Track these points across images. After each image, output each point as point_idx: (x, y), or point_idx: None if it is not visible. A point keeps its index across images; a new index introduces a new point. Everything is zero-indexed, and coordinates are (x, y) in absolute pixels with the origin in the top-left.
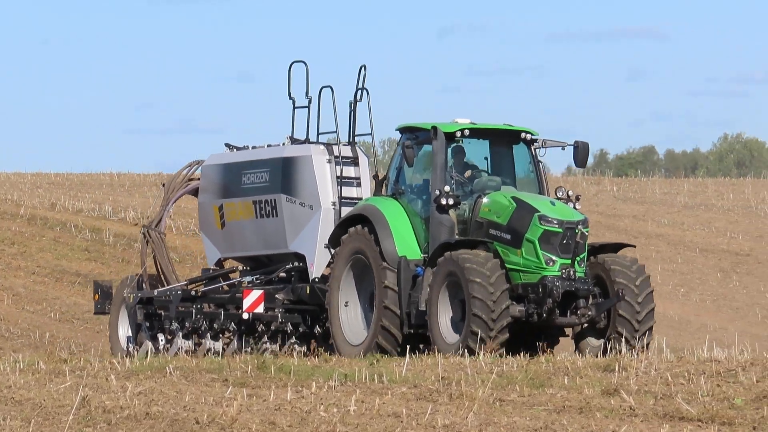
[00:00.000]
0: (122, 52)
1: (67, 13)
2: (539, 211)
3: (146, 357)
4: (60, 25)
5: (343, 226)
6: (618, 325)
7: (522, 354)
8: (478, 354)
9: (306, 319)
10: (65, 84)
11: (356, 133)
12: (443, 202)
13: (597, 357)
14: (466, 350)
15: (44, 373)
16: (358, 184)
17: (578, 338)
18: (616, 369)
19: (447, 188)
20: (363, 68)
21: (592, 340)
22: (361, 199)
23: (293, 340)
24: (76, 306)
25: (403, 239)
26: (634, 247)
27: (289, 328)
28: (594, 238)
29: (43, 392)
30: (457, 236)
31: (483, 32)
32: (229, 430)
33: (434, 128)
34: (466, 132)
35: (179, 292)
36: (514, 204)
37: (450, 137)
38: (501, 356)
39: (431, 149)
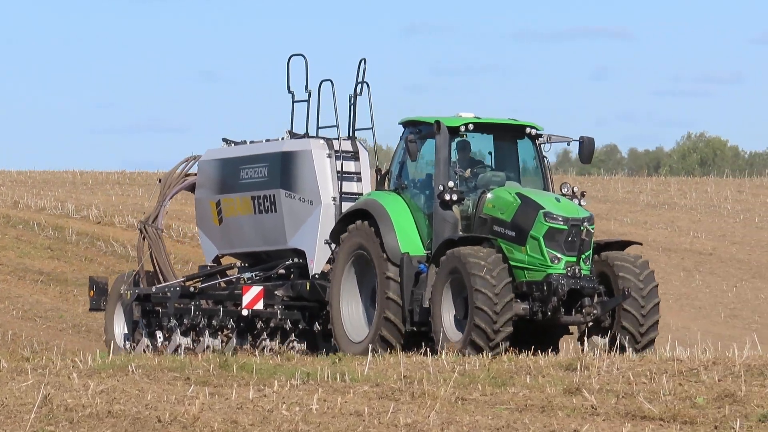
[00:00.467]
0: (86, 50)
1: (29, 12)
2: (544, 208)
3: (143, 354)
4: (23, 23)
5: (344, 221)
6: (623, 321)
7: (523, 351)
8: (483, 350)
9: (306, 316)
10: (28, 82)
11: (356, 128)
12: (447, 197)
13: (603, 354)
14: (470, 346)
15: (6, 371)
16: (359, 179)
17: (583, 337)
18: (578, 368)
19: (450, 184)
20: (363, 62)
21: (597, 339)
22: (361, 194)
23: (293, 337)
24: (38, 304)
25: (406, 235)
26: (641, 244)
27: (289, 325)
28: None
29: (5, 390)
30: (460, 233)
31: (448, 31)
32: (191, 429)
33: (437, 122)
34: (470, 126)
35: (178, 289)
36: (519, 200)
37: (454, 132)
38: (500, 354)
39: (435, 144)
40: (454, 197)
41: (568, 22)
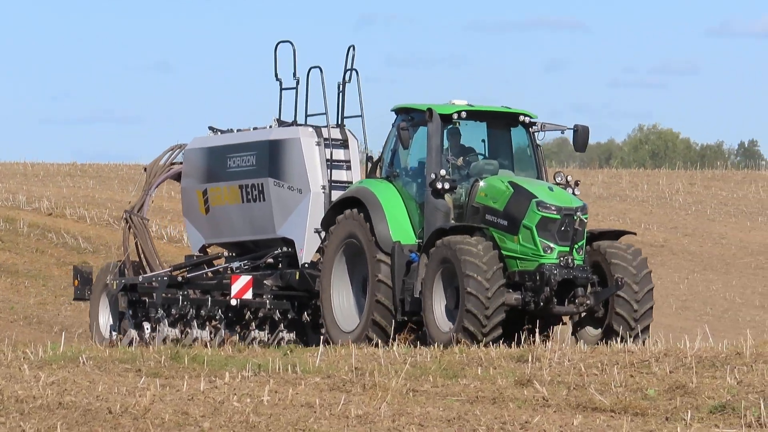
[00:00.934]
0: (38, 40)
1: None
2: (537, 197)
3: (130, 346)
4: None
5: (335, 209)
6: (617, 307)
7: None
8: (475, 339)
9: (295, 306)
10: None
11: (345, 115)
12: (438, 186)
13: (597, 345)
14: (462, 333)
15: None
16: (348, 167)
17: (576, 327)
18: (530, 359)
19: (442, 172)
20: (352, 48)
21: (590, 330)
22: (351, 182)
23: (281, 327)
24: None
25: (398, 223)
26: (635, 234)
27: (278, 315)
28: None
29: None
30: (452, 221)
31: (402, 22)
32: (141, 420)
33: (429, 110)
34: (463, 114)
35: (165, 279)
36: (511, 189)
37: (446, 119)
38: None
39: (427, 131)
40: (446, 186)
41: (522, 14)
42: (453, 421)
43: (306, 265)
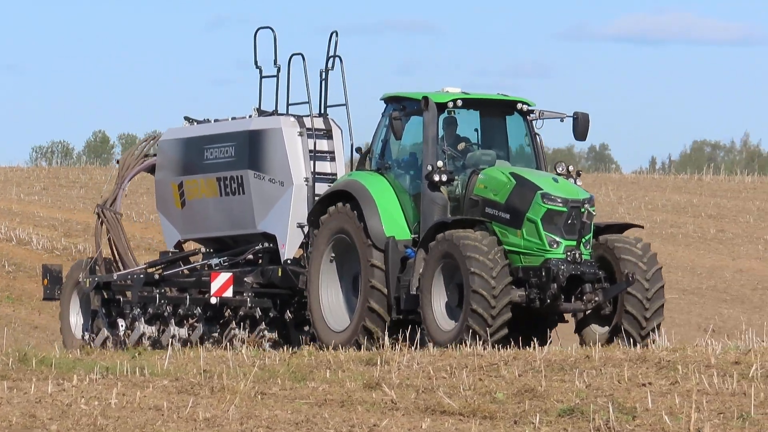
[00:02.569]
0: None
1: None
2: (542, 189)
3: (104, 345)
4: None
5: (323, 203)
6: (627, 305)
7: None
8: (478, 340)
9: (276, 304)
10: None
11: (329, 104)
12: (436, 178)
13: (604, 344)
14: (466, 333)
15: None
16: (332, 159)
17: (581, 325)
18: (379, 363)
19: (440, 163)
20: (335, 34)
21: (596, 327)
22: (335, 174)
23: (263, 326)
24: None
25: (391, 218)
26: (642, 227)
27: (258, 313)
28: None
29: None
30: (448, 215)
31: (252, 24)
32: None
33: (425, 98)
34: (459, 102)
35: (141, 276)
36: (514, 181)
37: (441, 108)
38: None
39: (421, 121)
40: (444, 178)
41: (374, 16)
42: (301, 424)
43: (289, 261)
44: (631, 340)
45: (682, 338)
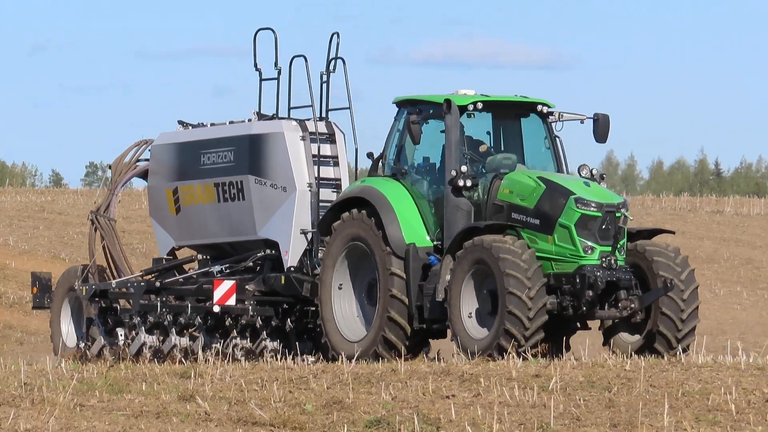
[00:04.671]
0: None
1: None
2: (575, 194)
3: (100, 354)
4: None
5: (336, 209)
6: (660, 324)
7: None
8: (518, 343)
9: (279, 313)
10: None
11: (331, 107)
12: (461, 183)
13: (633, 354)
14: (504, 338)
15: None
16: (336, 164)
17: (608, 333)
18: (192, 376)
19: (464, 168)
20: (336, 35)
21: (626, 336)
22: (339, 179)
23: (264, 335)
24: None
25: (410, 225)
26: (673, 233)
27: (260, 322)
28: None
29: None
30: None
31: (74, 49)
32: None
33: (447, 101)
34: (480, 105)
35: (143, 284)
36: (543, 185)
37: (463, 110)
38: (536, 356)
39: (436, 124)
40: (468, 183)
41: (184, 43)
42: None
43: (292, 268)
44: (668, 344)
45: None
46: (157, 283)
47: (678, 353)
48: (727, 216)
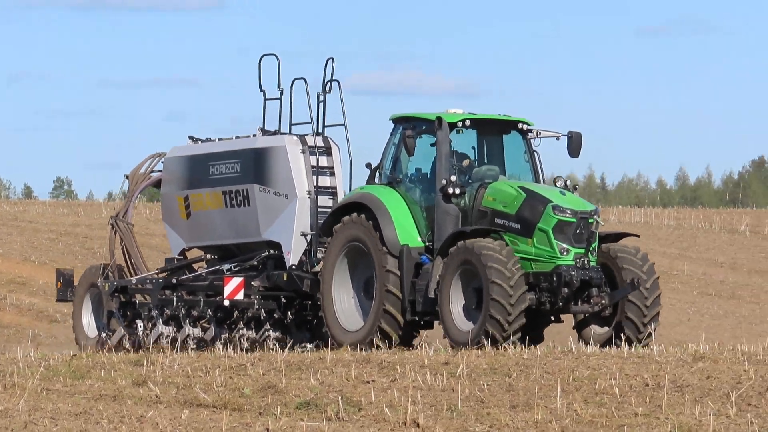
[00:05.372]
0: None
1: None
2: (552, 201)
3: (120, 343)
4: None
5: (337, 213)
6: (627, 311)
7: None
8: (497, 341)
9: (281, 306)
10: None
11: (327, 124)
12: (450, 191)
13: (603, 345)
14: (484, 336)
15: None
16: (332, 173)
17: (581, 326)
18: (145, 363)
19: (453, 178)
20: (331, 60)
21: (596, 328)
22: (335, 188)
23: (267, 326)
24: None
25: (404, 227)
26: (638, 236)
27: (263, 314)
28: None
29: None
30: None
31: (46, 79)
32: None
33: (439, 119)
34: (467, 122)
35: (161, 281)
36: (524, 194)
37: (452, 127)
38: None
39: (428, 139)
40: (457, 191)
41: (144, 73)
42: (80, 416)
43: (293, 266)
44: (632, 342)
45: None
46: (174, 280)
47: (645, 338)
48: (612, 224)
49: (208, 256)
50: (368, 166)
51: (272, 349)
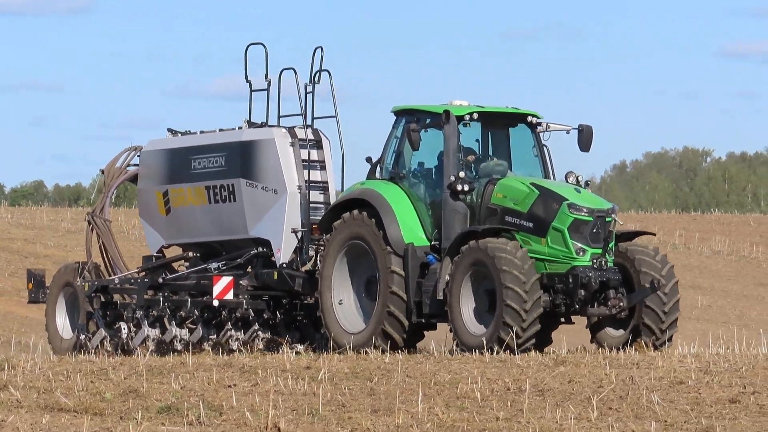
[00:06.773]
0: None
1: None
2: (567, 199)
3: (101, 345)
4: None
5: (336, 210)
6: (644, 317)
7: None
8: (509, 347)
9: (270, 306)
10: None
11: (317, 116)
12: (459, 187)
13: (621, 348)
14: (496, 343)
15: None
16: (323, 167)
17: (595, 328)
18: (6, 368)
19: (462, 174)
20: (320, 49)
21: (611, 331)
22: (326, 182)
23: (256, 326)
24: None
25: (408, 225)
26: (654, 234)
27: (252, 314)
28: None
29: None
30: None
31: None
32: None
33: (446, 112)
34: (475, 115)
35: (146, 280)
36: (536, 191)
37: (460, 120)
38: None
39: (433, 133)
40: (466, 187)
41: (8, 78)
42: None
43: (284, 265)
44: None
45: None
46: (160, 279)
47: (665, 342)
48: None
49: (190, 253)
50: (368, 160)
51: (261, 350)
